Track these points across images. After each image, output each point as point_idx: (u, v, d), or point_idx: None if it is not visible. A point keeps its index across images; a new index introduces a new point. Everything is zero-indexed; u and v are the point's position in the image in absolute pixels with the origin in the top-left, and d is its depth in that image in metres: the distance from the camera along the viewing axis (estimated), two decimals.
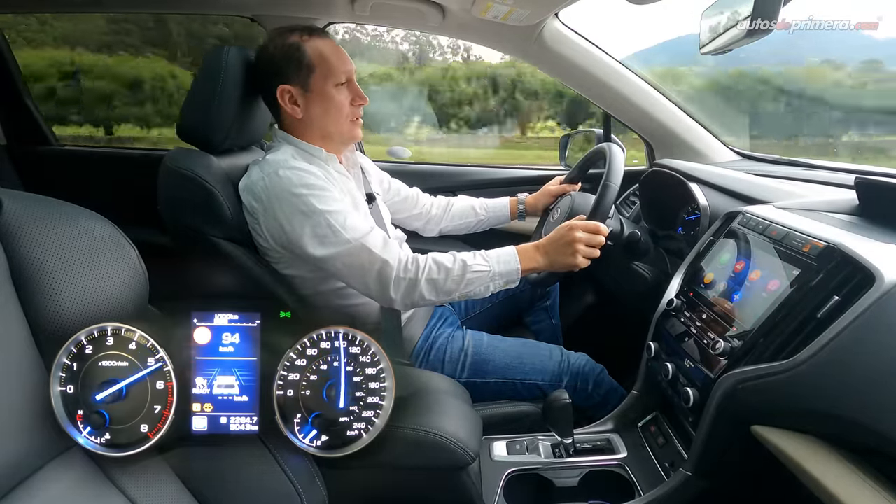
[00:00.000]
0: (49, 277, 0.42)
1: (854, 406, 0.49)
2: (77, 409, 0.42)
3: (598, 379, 1.05)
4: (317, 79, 0.90)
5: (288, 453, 0.56)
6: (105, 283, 0.44)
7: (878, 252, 0.56)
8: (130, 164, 1.64)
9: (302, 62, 0.89)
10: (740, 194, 0.96)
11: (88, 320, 0.43)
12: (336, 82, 0.91)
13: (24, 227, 0.41)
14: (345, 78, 0.92)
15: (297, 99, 0.92)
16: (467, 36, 1.30)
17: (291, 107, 0.92)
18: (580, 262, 0.87)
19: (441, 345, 1.03)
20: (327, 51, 0.91)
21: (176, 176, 0.87)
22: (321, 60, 0.90)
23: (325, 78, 0.90)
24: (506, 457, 0.89)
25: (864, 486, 0.49)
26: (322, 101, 0.91)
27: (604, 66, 1.25)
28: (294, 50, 0.89)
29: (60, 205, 0.45)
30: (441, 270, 0.85)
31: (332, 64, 0.90)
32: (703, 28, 0.92)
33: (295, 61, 0.89)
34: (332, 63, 0.90)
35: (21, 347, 0.40)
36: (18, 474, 0.38)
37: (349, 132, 0.96)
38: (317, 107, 0.92)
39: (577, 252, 0.87)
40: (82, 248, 0.44)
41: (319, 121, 0.93)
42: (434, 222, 1.28)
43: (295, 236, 0.84)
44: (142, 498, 0.44)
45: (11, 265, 0.41)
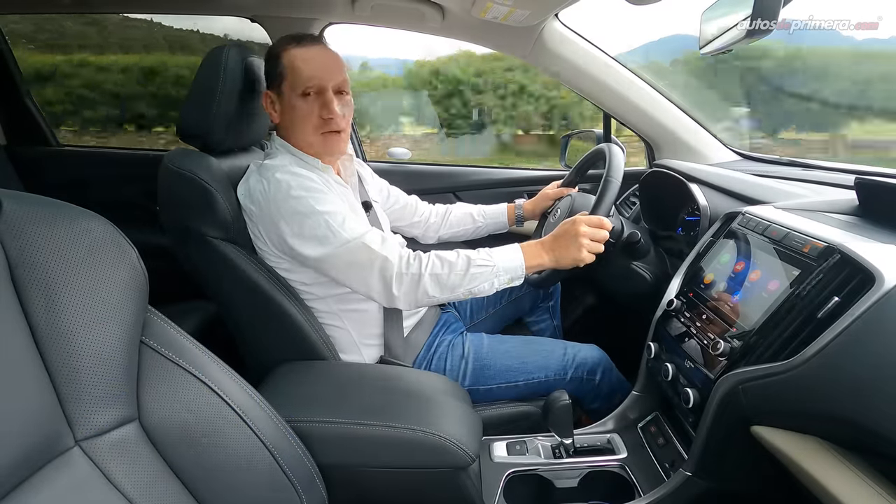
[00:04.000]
0: (49, 278, 0.41)
1: (854, 406, 0.49)
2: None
3: (606, 369, 1.04)
4: (285, 87, 0.91)
5: (288, 454, 0.56)
6: (105, 284, 0.44)
7: (878, 252, 0.56)
8: (130, 164, 1.64)
9: (276, 69, 0.91)
10: (740, 195, 0.96)
11: (88, 321, 0.43)
12: (300, 92, 0.89)
13: (24, 227, 0.41)
14: (311, 89, 0.89)
15: (274, 104, 0.94)
16: (467, 37, 1.30)
17: (271, 111, 0.95)
18: (585, 256, 0.87)
19: (441, 353, 1.03)
20: (299, 60, 0.90)
21: (175, 176, 0.86)
22: (290, 69, 0.90)
23: (291, 87, 0.90)
24: (506, 457, 0.89)
25: (864, 486, 0.49)
26: (289, 109, 0.92)
27: (603, 67, 1.25)
28: (274, 56, 0.92)
29: (60, 205, 0.45)
30: (444, 265, 0.84)
31: (298, 73, 0.90)
32: (702, 28, 0.92)
33: (272, 67, 0.92)
34: (298, 72, 0.90)
35: (21, 348, 0.40)
36: (18, 474, 0.38)
37: (320, 145, 0.93)
38: (285, 115, 0.93)
39: (581, 246, 0.86)
40: (82, 248, 0.44)
41: (290, 129, 0.94)
42: (433, 230, 1.29)
43: (293, 238, 0.84)
44: (142, 498, 0.44)
45: (11, 265, 0.41)
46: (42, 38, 2.44)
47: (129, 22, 2.76)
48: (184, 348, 0.51)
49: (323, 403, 0.76)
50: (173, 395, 0.49)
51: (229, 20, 1.40)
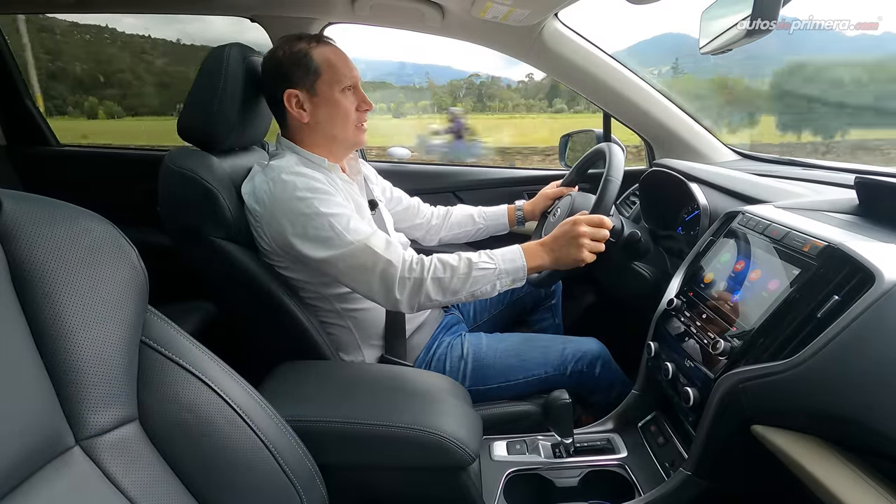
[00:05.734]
0: (49, 278, 0.41)
1: (854, 405, 0.49)
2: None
3: (605, 362, 1.05)
4: (323, 83, 0.91)
5: (288, 453, 0.56)
6: (105, 284, 0.44)
7: (878, 252, 0.56)
8: (130, 164, 1.64)
9: (309, 67, 0.90)
10: (740, 194, 0.96)
11: (88, 321, 0.43)
12: (342, 87, 0.92)
13: (24, 227, 0.41)
14: (350, 83, 0.93)
15: (303, 103, 0.92)
16: (467, 37, 1.30)
17: (298, 111, 0.93)
18: (586, 256, 0.87)
19: (441, 354, 1.03)
20: (333, 57, 0.92)
21: (176, 176, 0.86)
22: (328, 65, 0.91)
23: (330, 83, 0.91)
24: (506, 457, 0.89)
25: (864, 486, 0.49)
26: (328, 105, 0.92)
27: (603, 67, 1.25)
28: (302, 55, 0.91)
29: (60, 205, 0.45)
30: (447, 269, 0.85)
31: (338, 69, 0.91)
32: (702, 28, 0.92)
33: (303, 66, 0.91)
34: (338, 68, 0.91)
35: (21, 348, 0.40)
36: (18, 474, 0.38)
37: (354, 137, 0.97)
38: (322, 111, 0.93)
39: (582, 246, 0.86)
40: (82, 248, 0.44)
41: (325, 125, 0.94)
42: (434, 232, 1.29)
43: (297, 239, 0.84)
44: (142, 498, 0.44)
45: (11, 266, 0.41)
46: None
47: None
48: (184, 348, 0.51)
49: (323, 403, 0.76)
50: (173, 395, 0.49)
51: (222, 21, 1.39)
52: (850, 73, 2.59)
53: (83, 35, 2.61)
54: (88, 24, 2.51)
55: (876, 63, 2.38)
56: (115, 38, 2.65)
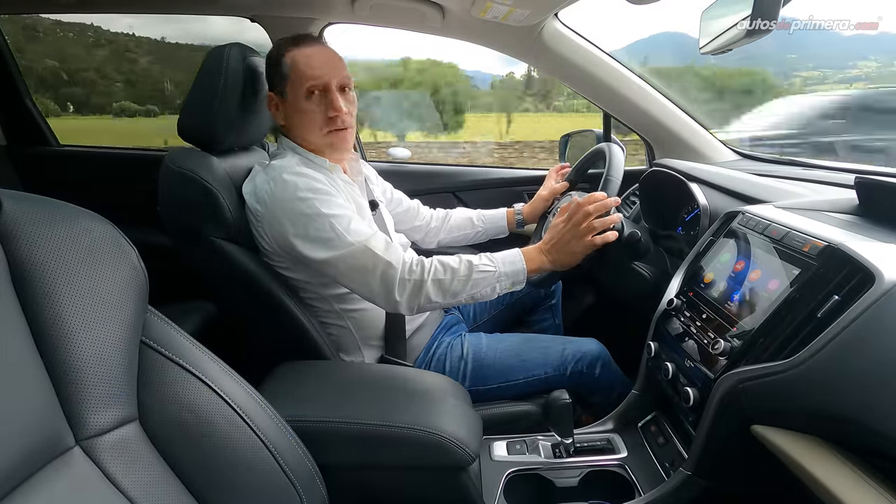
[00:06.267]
0: (49, 278, 0.41)
1: (854, 405, 0.49)
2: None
3: (605, 362, 1.04)
4: (289, 87, 0.91)
5: (288, 453, 0.56)
6: (105, 284, 0.44)
7: (878, 252, 0.56)
8: (130, 164, 1.64)
9: (281, 71, 0.91)
10: (740, 194, 0.96)
11: (88, 321, 0.43)
12: (305, 91, 0.90)
13: (24, 227, 0.41)
14: (315, 87, 0.89)
15: (278, 105, 0.94)
16: (467, 37, 1.30)
17: (275, 112, 0.95)
18: (596, 240, 0.86)
19: (441, 355, 1.03)
20: (302, 60, 0.90)
21: (176, 176, 0.86)
22: (293, 69, 0.90)
23: (294, 87, 0.90)
24: (506, 457, 0.89)
25: (865, 486, 0.49)
26: (294, 110, 0.92)
27: (603, 66, 1.25)
28: (276, 58, 0.92)
29: (60, 205, 0.45)
30: (447, 271, 0.85)
31: (301, 73, 0.90)
32: (702, 28, 0.92)
33: (276, 69, 0.92)
34: (301, 72, 0.90)
35: (21, 348, 0.40)
36: (18, 474, 0.38)
37: (326, 143, 0.93)
38: (292, 115, 0.93)
39: (588, 233, 0.86)
40: (82, 248, 0.44)
41: (296, 129, 0.94)
42: (433, 234, 1.29)
43: (298, 240, 0.84)
44: (143, 498, 0.44)
45: (11, 266, 0.41)
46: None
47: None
48: (184, 348, 0.51)
49: (323, 403, 0.76)
50: (173, 395, 0.49)
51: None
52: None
53: (66, 33, 2.56)
54: (73, 23, 2.48)
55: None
56: (98, 36, 2.59)
